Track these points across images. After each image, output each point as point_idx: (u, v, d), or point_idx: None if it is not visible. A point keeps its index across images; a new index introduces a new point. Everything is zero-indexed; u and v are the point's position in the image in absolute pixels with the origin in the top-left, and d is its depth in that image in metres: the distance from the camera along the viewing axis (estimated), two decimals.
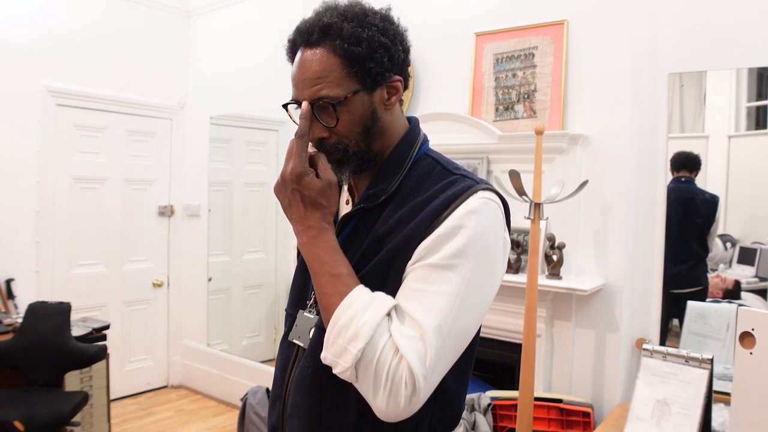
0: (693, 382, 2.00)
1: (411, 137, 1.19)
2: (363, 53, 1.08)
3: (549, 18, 2.97)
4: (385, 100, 1.14)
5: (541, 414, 2.72)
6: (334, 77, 1.08)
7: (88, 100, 4.36)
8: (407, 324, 0.97)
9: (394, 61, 1.12)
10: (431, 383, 0.97)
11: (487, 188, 1.08)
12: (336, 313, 0.99)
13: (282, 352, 1.26)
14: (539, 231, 2.58)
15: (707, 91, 2.74)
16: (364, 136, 1.12)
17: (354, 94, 1.09)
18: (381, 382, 0.94)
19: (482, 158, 3.09)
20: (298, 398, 1.16)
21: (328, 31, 1.09)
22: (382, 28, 1.11)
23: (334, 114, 1.09)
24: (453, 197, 1.05)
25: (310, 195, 1.07)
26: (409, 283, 1.02)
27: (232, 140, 4.94)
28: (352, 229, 1.16)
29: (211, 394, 4.82)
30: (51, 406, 2.99)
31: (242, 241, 4.98)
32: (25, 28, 4.02)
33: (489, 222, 1.05)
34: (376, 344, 0.95)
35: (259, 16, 4.48)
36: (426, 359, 0.95)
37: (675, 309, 2.77)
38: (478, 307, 1.04)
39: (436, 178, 1.12)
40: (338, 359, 0.97)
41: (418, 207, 1.07)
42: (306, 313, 1.20)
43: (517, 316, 2.92)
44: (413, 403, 0.95)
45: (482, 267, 1.02)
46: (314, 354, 1.11)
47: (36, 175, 4.10)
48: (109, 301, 4.59)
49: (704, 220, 2.76)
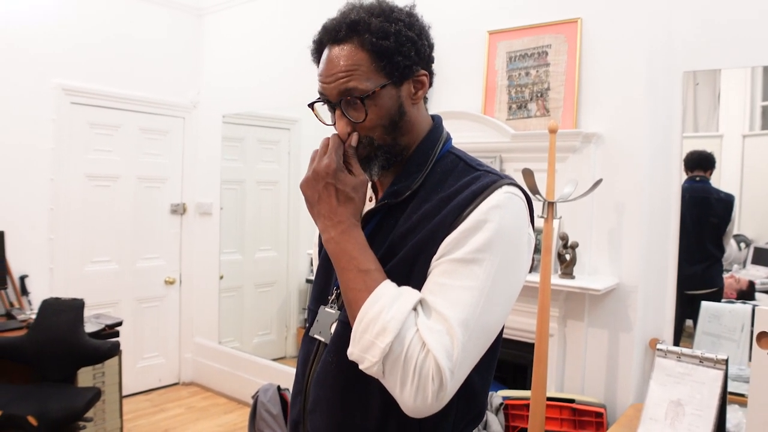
0: (707, 383, 1.98)
1: (435, 134, 1.20)
2: (391, 47, 1.08)
3: (563, 16, 2.95)
4: (411, 95, 1.15)
5: (554, 414, 2.71)
6: (363, 71, 1.09)
7: (101, 99, 4.38)
8: (433, 318, 0.97)
9: (420, 55, 1.14)
10: (458, 378, 0.97)
11: (511, 183, 1.08)
12: (363, 308, 1.00)
13: (304, 347, 1.27)
14: (552, 230, 2.57)
15: (721, 89, 2.72)
16: (391, 130, 1.13)
17: (382, 88, 1.09)
18: (408, 376, 0.94)
19: (495, 157, 3.08)
20: (321, 393, 1.16)
21: (356, 27, 1.09)
22: (408, 23, 1.12)
23: (363, 108, 1.09)
24: (477, 192, 1.05)
25: (345, 190, 1.09)
26: (435, 278, 1.02)
27: (245, 139, 4.95)
28: (376, 226, 1.16)
29: (222, 392, 4.83)
30: (64, 401, 3.01)
31: (254, 239, 4.99)
32: (39, 27, 4.05)
33: (513, 217, 1.05)
34: (404, 338, 0.95)
35: (271, 14, 4.49)
36: (453, 353, 0.94)
37: (689, 309, 2.75)
38: (504, 302, 1.04)
39: (460, 174, 1.13)
40: (365, 354, 0.97)
41: (443, 202, 1.08)
42: (327, 309, 1.20)
43: (529, 315, 2.90)
44: (440, 398, 0.95)
45: (507, 261, 1.02)
46: (337, 349, 1.12)
47: (50, 172, 4.13)
48: (122, 298, 4.62)
49: (720, 220, 2.74)
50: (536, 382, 2.49)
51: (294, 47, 4.23)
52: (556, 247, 2.81)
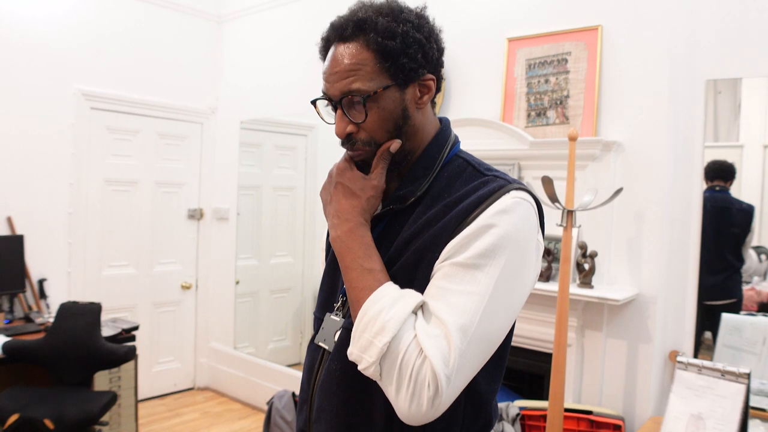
0: (729, 397, 1.94)
1: (442, 138, 1.18)
2: (397, 48, 1.06)
3: (583, 23, 2.93)
4: (417, 99, 1.12)
5: (571, 425, 2.67)
6: (367, 71, 1.06)
7: (121, 104, 4.42)
8: (432, 322, 0.95)
9: (427, 58, 1.11)
10: (455, 385, 0.94)
11: (520, 188, 1.05)
12: (363, 307, 0.98)
13: (309, 355, 1.25)
14: (571, 239, 2.54)
15: (742, 99, 2.68)
16: (394, 134, 1.11)
17: (385, 89, 1.07)
18: (404, 381, 0.92)
19: (513, 164, 3.06)
20: (325, 401, 1.14)
21: (363, 26, 1.07)
22: (416, 25, 1.09)
23: (363, 110, 1.08)
24: (484, 197, 1.03)
25: (351, 187, 1.10)
26: (436, 282, 1.00)
27: (262, 145, 4.97)
28: (382, 231, 1.14)
29: (236, 397, 4.83)
30: (81, 405, 3.02)
31: (270, 245, 5.00)
32: (60, 32, 4.09)
33: (521, 222, 1.02)
34: (401, 341, 0.93)
35: (289, 21, 4.51)
36: (450, 359, 0.92)
37: (708, 321, 2.71)
38: (507, 310, 1.01)
39: (468, 178, 1.10)
40: (363, 354, 0.96)
41: (448, 207, 1.06)
42: (333, 316, 1.19)
43: (546, 325, 2.88)
44: (436, 405, 0.92)
45: (512, 268, 0.99)
46: (340, 356, 1.10)
47: (69, 177, 4.16)
48: (139, 302, 4.64)
49: (740, 230, 2.70)
50: (554, 393, 2.46)
51: (311, 54, 4.20)
52: (575, 257, 2.79)
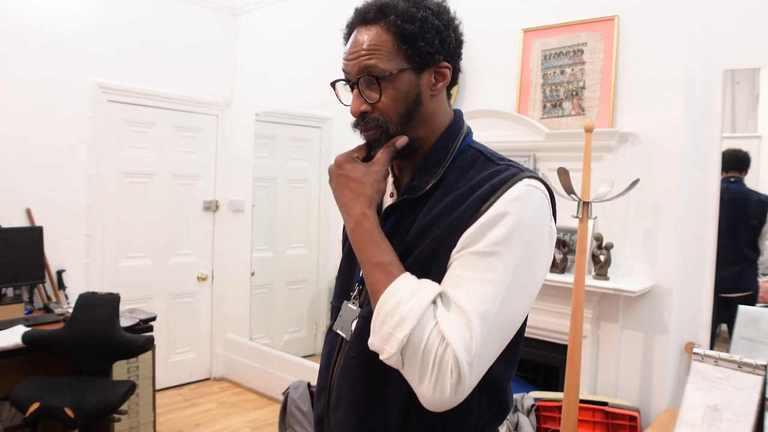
0: (746, 389, 1.94)
1: (455, 128, 1.19)
2: (415, 31, 1.09)
3: (599, 14, 2.91)
4: (431, 85, 1.14)
5: (586, 417, 2.67)
6: (385, 52, 1.10)
7: (137, 97, 4.45)
8: (453, 311, 0.97)
9: (444, 45, 1.13)
10: (477, 372, 0.96)
11: (533, 176, 1.07)
12: (381, 299, 1.00)
13: (327, 343, 1.27)
14: (587, 230, 2.53)
15: (761, 89, 2.66)
16: (406, 118, 1.13)
17: (401, 71, 1.10)
18: (428, 369, 0.94)
19: (529, 156, 3.05)
20: (344, 388, 1.17)
21: (385, 10, 1.11)
22: (436, 12, 1.13)
23: (378, 89, 1.10)
24: (498, 185, 1.04)
25: (352, 175, 1.11)
26: (454, 271, 1.02)
27: (277, 137, 4.99)
28: (397, 221, 1.16)
29: (252, 388, 4.88)
30: (100, 394, 3.06)
31: (285, 236, 5.02)
32: (76, 25, 4.12)
33: (534, 209, 1.03)
34: (423, 330, 0.95)
35: (304, 13, 4.51)
36: (472, 347, 0.94)
37: (723, 313, 2.69)
38: (524, 295, 1.03)
39: (481, 168, 1.12)
40: (384, 345, 0.98)
41: (463, 196, 1.07)
42: (350, 304, 1.21)
43: (561, 316, 2.87)
44: (459, 392, 0.94)
45: (528, 254, 1.01)
46: (359, 344, 1.12)
47: (87, 169, 4.20)
48: (156, 293, 4.69)
49: (757, 221, 2.68)
50: (569, 384, 2.47)
51: (326, 46, 4.24)
52: (591, 248, 2.78)
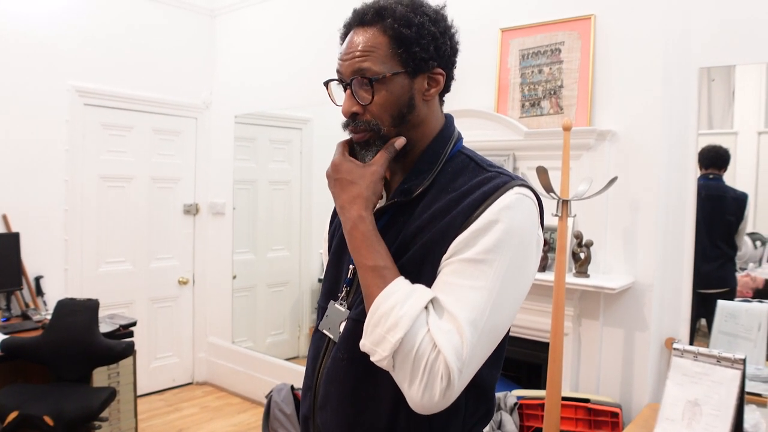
0: (725, 383, 1.96)
1: (446, 134, 1.21)
2: (411, 36, 1.10)
3: (576, 13, 2.93)
4: (424, 90, 1.16)
5: (569, 414, 2.69)
6: (379, 54, 1.11)
7: (115, 100, 4.41)
8: (444, 317, 0.99)
9: (439, 52, 1.15)
10: (466, 376, 0.98)
11: (523, 185, 1.09)
12: (375, 302, 1.01)
13: (313, 343, 1.27)
14: (566, 228, 2.55)
15: (736, 86, 2.69)
16: (398, 121, 1.14)
17: (395, 74, 1.11)
18: (418, 373, 0.96)
19: (508, 155, 3.06)
20: (331, 389, 1.17)
21: (382, 12, 1.12)
22: (433, 19, 1.15)
23: (371, 91, 1.11)
24: (489, 193, 1.06)
25: (349, 177, 1.12)
26: (445, 277, 1.03)
27: (257, 139, 4.96)
28: (386, 224, 1.17)
29: (235, 391, 4.85)
30: (80, 401, 3.03)
31: (266, 239, 5.00)
32: (52, 28, 4.07)
33: (524, 218, 1.06)
34: (415, 336, 0.97)
35: (283, 15, 4.49)
36: (462, 353, 0.96)
37: (702, 309, 2.72)
38: (512, 302, 1.06)
39: (471, 174, 1.13)
40: (376, 347, 0.99)
41: (453, 202, 1.09)
42: (337, 305, 1.21)
43: (543, 314, 2.88)
44: (447, 396, 0.96)
45: (516, 262, 1.03)
46: (348, 346, 1.13)
47: (64, 173, 4.15)
48: (136, 298, 4.64)
49: (734, 218, 2.71)
50: (551, 382, 2.48)
51: (306, 48, 4.23)
52: (571, 246, 2.79)
